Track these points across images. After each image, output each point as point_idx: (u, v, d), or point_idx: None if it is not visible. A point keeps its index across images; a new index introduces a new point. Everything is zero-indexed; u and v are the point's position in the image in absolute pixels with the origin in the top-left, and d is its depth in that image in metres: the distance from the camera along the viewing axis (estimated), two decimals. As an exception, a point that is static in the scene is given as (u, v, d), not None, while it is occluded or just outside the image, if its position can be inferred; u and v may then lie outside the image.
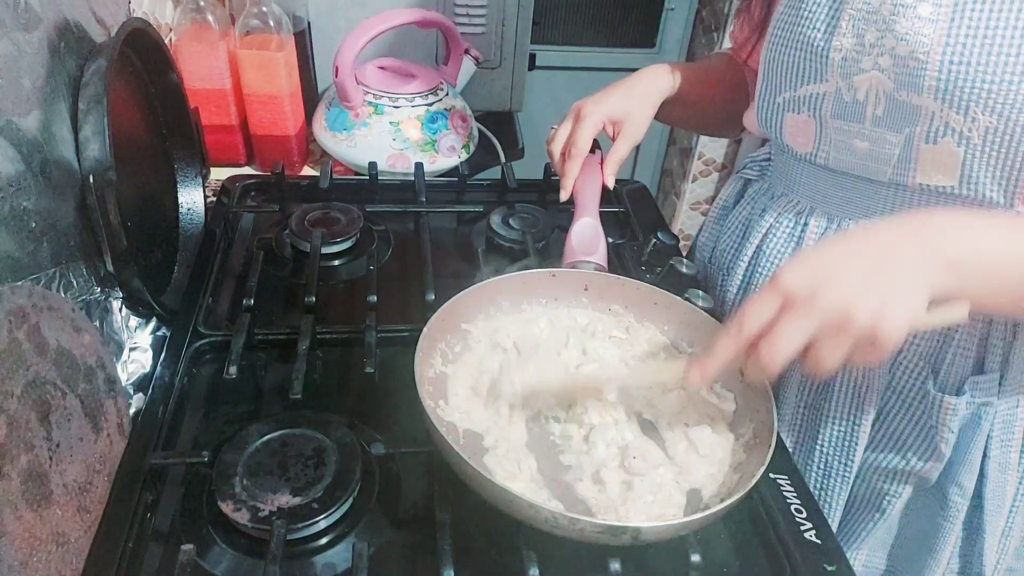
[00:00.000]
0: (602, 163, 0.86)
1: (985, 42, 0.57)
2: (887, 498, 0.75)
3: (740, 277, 0.81)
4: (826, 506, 0.78)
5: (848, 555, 0.78)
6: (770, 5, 0.73)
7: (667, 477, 0.58)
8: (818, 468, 0.77)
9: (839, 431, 0.74)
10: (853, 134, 0.67)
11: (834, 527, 0.78)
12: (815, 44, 0.66)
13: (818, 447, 0.76)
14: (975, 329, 0.66)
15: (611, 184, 0.85)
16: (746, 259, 0.80)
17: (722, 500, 0.51)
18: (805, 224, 0.74)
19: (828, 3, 0.65)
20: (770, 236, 0.77)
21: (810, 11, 0.67)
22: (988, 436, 0.69)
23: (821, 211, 0.73)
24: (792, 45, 0.68)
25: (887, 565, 0.80)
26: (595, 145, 0.94)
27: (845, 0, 0.64)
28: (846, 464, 0.75)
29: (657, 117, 0.86)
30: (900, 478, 0.74)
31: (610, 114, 0.82)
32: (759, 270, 0.78)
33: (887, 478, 0.74)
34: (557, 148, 0.83)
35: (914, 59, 0.60)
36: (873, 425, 0.73)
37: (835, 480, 0.76)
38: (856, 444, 0.73)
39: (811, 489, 0.77)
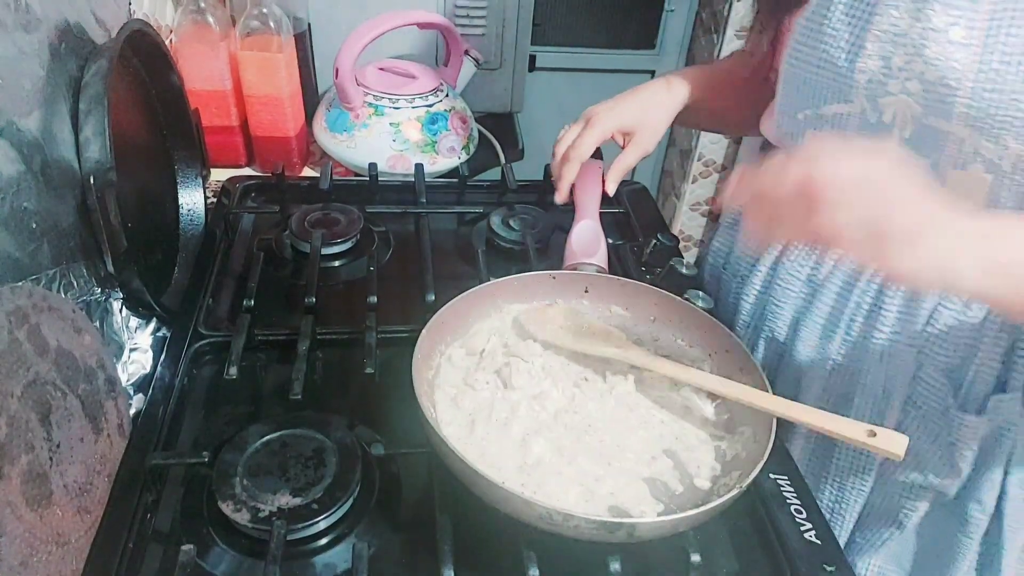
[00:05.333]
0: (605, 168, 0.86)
1: (1020, 68, 0.54)
2: (904, 511, 0.73)
3: (758, 287, 0.79)
4: (839, 518, 0.76)
5: (860, 561, 0.77)
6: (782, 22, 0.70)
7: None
8: (833, 481, 0.76)
9: (854, 450, 0.73)
10: None
11: (845, 536, 0.77)
12: (838, 64, 0.63)
13: (833, 461, 0.75)
14: (998, 344, 0.65)
15: (611, 191, 0.84)
16: (764, 268, 0.78)
17: (719, 496, 0.52)
18: None
19: (852, 22, 0.62)
20: (791, 246, 0.74)
21: (833, 28, 0.63)
22: (1010, 453, 0.67)
23: None
24: (813, 63, 0.65)
25: None
26: (598, 151, 0.94)
27: (870, 20, 0.61)
28: (862, 478, 0.74)
29: (672, 122, 0.84)
30: (918, 493, 0.72)
31: (622, 124, 0.81)
32: (778, 281, 0.76)
33: (905, 491, 0.73)
34: (560, 150, 0.82)
35: (944, 85, 0.57)
36: None
37: (850, 493, 0.75)
38: (873, 457, 0.72)
39: (824, 501, 0.76)
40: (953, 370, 0.67)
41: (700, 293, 0.77)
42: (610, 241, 0.86)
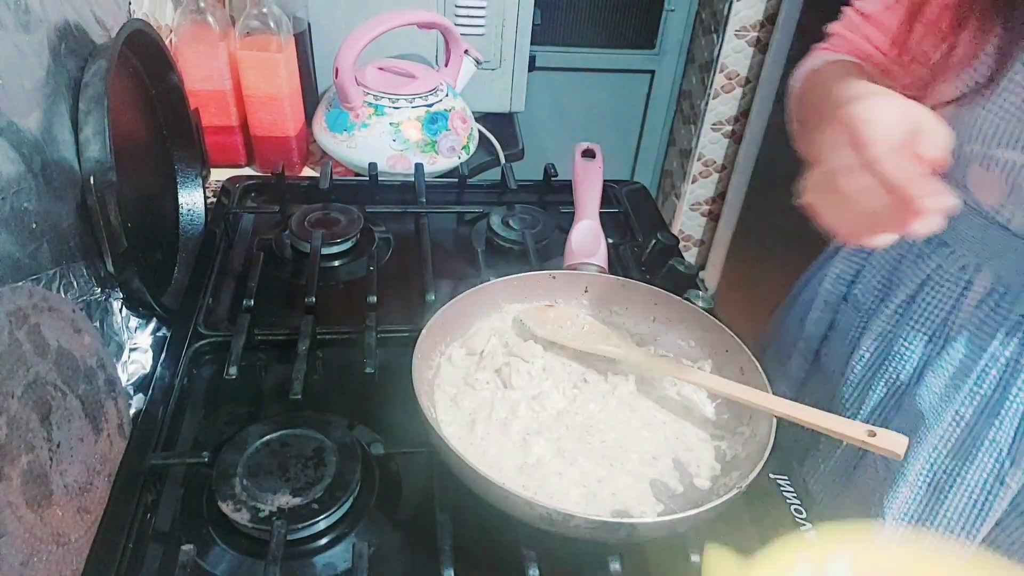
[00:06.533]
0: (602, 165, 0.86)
1: None
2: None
3: (883, 325, 0.75)
4: None
5: None
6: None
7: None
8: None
9: (972, 502, 0.70)
10: None
11: None
12: None
13: (941, 520, 0.71)
14: None
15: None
16: (892, 306, 0.74)
17: (719, 496, 0.52)
18: (969, 282, 0.67)
19: None
20: (926, 288, 0.70)
21: None
22: None
23: (990, 271, 0.66)
24: (1001, 107, 0.60)
25: None
26: (596, 151, 0.94)
27: None
28: (970, 535, 0.71)
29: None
30: None
31: None
32: (908, 321, 0.72)
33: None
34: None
35: None
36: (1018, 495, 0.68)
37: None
38: (985, 519, 0.69)
39: None
40: None
41: (700, 292, 0.77)
42: (610, 241, 0.86)
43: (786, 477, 0.63)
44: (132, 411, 0.65)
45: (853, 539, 0.42)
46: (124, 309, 0.70)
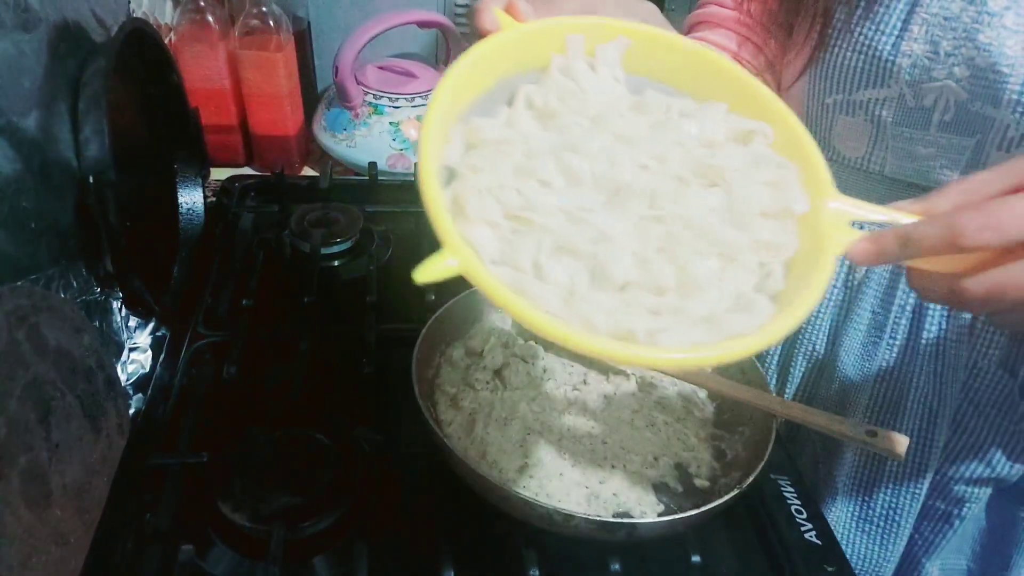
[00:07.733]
0: None
1: None
2: (965, 505, 0.72)
3: None
4: (894, 525, 0.75)
5: (926, 561, 0.76)
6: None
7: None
8: (887, 487, 0.74)
9: (911, 449, 0.71)
10: (916, 141, 0.63)
11: (903, 541, 0.76)
12: (879, 48, 0.61)
13: (887, 466, 0.73)
14: None
15: None
16: None
17: (719, 496, 0.51)
18: None
19: (900, 5, 0.60)
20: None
21: (883, 11, 0.61)
22: None
23: None
24: (852, 48, 0.63)
25: (967, 566, 0.78)
26: None
27: (918, 3, 0.59)
28: (917, 481, 0.72)
29: None
30: (979, 483, 0.71)
31: None
32: None
33: (966, 484, 0.72)
34: None
35: (995, 72, 0.56)
36: (950, 438, 0.71)
37: (905, 499, 0.74)
38: (929, 460, 0.71)
39: (877, 510, 0.75)
40: (1008, 360, 0.66)
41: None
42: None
43: (786, 477, 0.63)
44: (131, 411, 0.65)
45: (633, 31, 0.42)
46: (123, 309, 0.70)
